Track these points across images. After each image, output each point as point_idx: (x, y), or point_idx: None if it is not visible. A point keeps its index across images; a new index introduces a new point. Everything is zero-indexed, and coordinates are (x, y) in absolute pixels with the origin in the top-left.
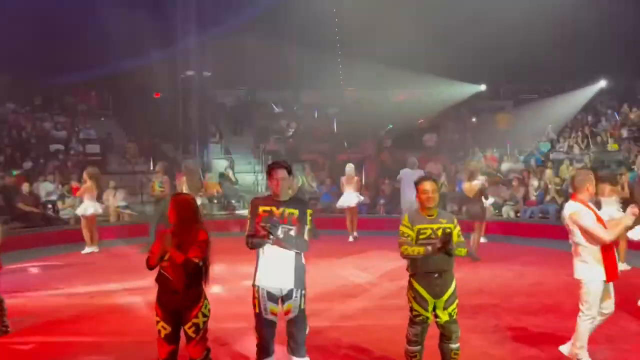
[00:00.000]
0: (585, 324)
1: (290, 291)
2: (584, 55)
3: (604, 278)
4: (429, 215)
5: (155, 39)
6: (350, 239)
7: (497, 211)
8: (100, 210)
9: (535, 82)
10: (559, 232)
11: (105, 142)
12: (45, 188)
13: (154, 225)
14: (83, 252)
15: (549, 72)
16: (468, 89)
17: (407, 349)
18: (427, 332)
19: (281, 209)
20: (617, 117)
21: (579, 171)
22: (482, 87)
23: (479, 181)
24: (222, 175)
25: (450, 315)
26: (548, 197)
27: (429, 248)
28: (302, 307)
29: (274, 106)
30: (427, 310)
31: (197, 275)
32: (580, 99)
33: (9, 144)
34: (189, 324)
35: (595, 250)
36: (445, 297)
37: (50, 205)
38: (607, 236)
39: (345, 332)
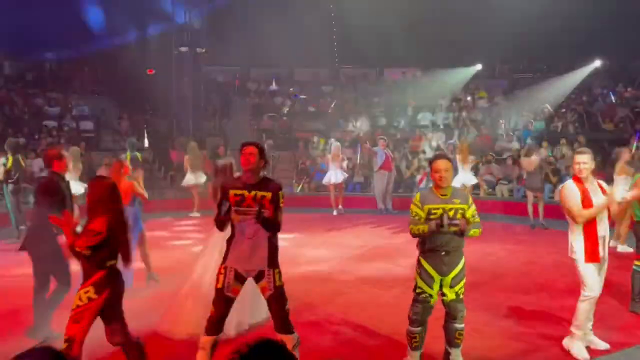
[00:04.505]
0: (582, 305)
1: (262, 271)
2: (579, 35)
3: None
4: (442, 195)
5: (149, 15)
6: (335, 212)
7: (490, 190)
8: (82, 190)
9: (530, 61)
10: (552, 211)
11: (98, 119)
12: (39, 164)
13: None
14: None
15: (544, 51)
16: (465, 72)
17: (408, 330)
18: (429, 313)
19: (253, 192)
20: (612, 96)
21: None
22: (479, 67)
23: (537, 156)
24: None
25: (457, 294)
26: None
27: (432, 225)
28: (278, 283)
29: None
30: (431, 288)
31: None
32: (575, 79)
33: (0, 120)
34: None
35: (579, 229)
36: (452, 274)
37: None
38: (579, 216)
39: (337, 308)
